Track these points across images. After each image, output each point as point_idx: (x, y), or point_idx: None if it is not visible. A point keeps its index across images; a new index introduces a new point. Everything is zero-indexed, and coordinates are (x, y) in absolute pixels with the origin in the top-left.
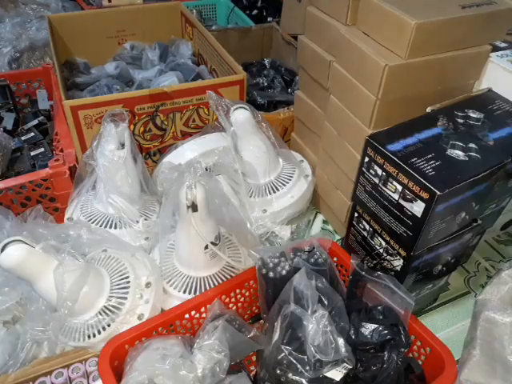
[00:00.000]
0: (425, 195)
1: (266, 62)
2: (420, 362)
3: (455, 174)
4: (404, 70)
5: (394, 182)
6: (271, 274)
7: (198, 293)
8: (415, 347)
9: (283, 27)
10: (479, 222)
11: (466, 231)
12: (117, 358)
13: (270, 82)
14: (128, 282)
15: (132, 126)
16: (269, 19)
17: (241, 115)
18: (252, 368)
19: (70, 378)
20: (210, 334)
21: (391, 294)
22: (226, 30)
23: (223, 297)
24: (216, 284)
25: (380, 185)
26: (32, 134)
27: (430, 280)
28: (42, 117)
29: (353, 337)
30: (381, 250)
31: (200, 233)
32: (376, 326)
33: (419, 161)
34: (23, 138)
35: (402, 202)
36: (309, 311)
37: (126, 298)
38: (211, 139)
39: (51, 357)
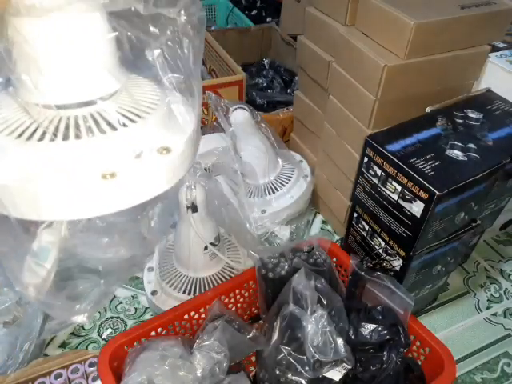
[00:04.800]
0: (424, 195)
1: (265, 62)
2: (419, 362)
3: (454, 174)
4: (403, 71)
5: (394, 182)
6: (270, 275)
7: (197, 293)
8: (414, 347)
9: (282, 27)
10: (478, 222)
11: (465, 231)
12: (116, 359)
13: (269, 83)
14: None
15: None
16: (268, 19)
17: (240, 115)
18: (251, 368)
19: (69, 378)
20: (210, 334)
21: (390, 294)
22: (225, 30)
23: (223, 297)
24: (215, 284)
25: (379, 185)
26: None
27: (429, 280)
28: None
29: (352, 337)
30: (380, 250)
31: (199, 233)
32: (375, 326)
33: (418, 161)
34: None
35: (401, 202)
36: (308, 311)
37: None
38: (210, 140)
39: (50, 357)
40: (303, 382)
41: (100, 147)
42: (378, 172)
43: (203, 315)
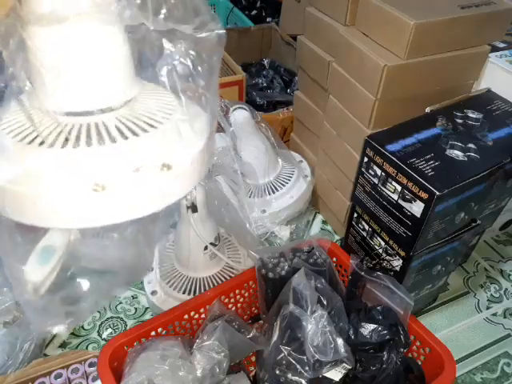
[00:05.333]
0: (424, 195)
1: (266, 62)
2: (419, 362)
3: (454, 175)
4: (403, 70)
5: (394, 183)
6: (270, 275)
7: (197, 293)
8: (414, 347)
9: (282, 27)
10: (478, 222)
11: (465, 231)
12: (116, 359)
13: (269, 83)
14: None
15: None
16: (268, 19)
17: (240, 116)
18: (251, 368)
19: (69, 378)
20: (210, 334)
21: (390, 294)
22: (224, 30)
23: (223, 297)
24: (215, 284)
25: (379, 185)
26: None
27: (429, 280)
28: None
29: (352, 337)
30: (380, 250)
31: (199, 234)
32: (375, 326)
33: (418, 161)
34: None
35: (401, 202)
36: (308, 311)
37: None
38: None
39: (50, 357)
40: (303, 381)
41: (95, 158)
42: (378, 172)
43: (203, 315)
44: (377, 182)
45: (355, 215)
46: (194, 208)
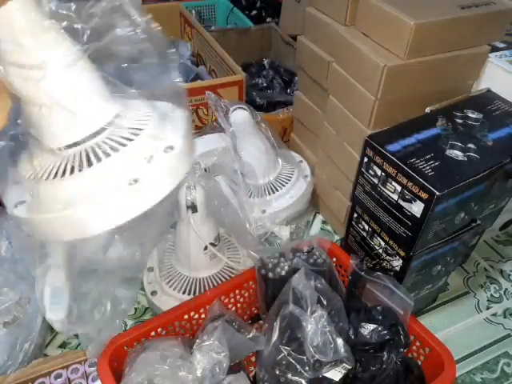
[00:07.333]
0: (424, 195)
1: (265, 62)
2: (419, 363)
3: (454, 175)
4: (403, 71)
5: (393, 183)
6: (270, 275)
7: (197, 294)
8: (414, 347)
9: (282, 28)
10: (478, 222)
11: (465, 231)
12: (116, 359)
13: (269, 83)
14: None
15: None
16: (268, 20)
17: (240, 116)
18: (251, 368)
19: (69, 378)
20: (210, 334)
21: (390, 294)
22: (225, 30)
23: (222, 297)
24: (215, 285)
25: (379, 185)
26: None
27: (429, 280)
28: None
29: (352, 337)
30: (380, 251)
31: (199, 234)
32: (375, 326)
33: (418, 161)
34: None
35: (401, 202)
36: (308, 311)
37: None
38: (210, 140)
39: (50, 357)
40: (303, 382)
41: (119, 162)
42: (378, 172)
43: (203, 315)
44: (377, 182)
45: (355, 215)
46: (193, 208)
